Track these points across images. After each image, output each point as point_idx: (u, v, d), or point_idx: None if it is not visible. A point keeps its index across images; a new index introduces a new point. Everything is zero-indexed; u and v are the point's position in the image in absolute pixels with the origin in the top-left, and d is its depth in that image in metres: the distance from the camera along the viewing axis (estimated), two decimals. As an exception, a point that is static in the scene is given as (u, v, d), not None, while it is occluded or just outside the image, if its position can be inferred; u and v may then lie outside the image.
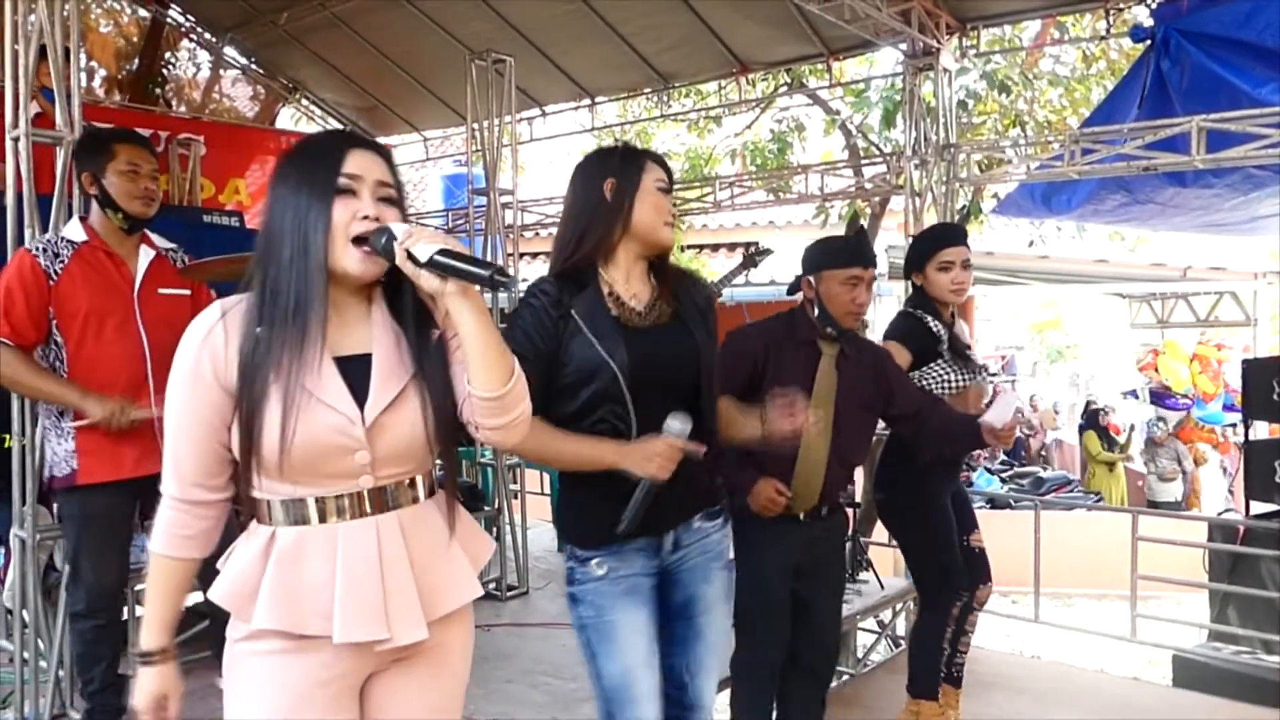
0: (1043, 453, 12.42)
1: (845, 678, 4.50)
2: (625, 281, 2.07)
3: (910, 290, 3.36)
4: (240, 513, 1.54)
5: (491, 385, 1.48)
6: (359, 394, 1.47)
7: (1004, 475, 11.01)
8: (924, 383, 3.08)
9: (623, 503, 1.92)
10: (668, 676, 2.14)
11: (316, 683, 1.49)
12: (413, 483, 1.55)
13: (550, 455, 2.00)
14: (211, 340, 1.45)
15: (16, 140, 2.90)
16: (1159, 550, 4.56)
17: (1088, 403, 12.95)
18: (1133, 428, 11.61)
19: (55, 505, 2.99)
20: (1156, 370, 11.54)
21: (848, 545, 4.82)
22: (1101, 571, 7.26)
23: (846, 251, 2.71)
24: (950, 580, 3.18)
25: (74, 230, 2.81)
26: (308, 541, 1.47)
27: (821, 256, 2.71)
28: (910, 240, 3.39)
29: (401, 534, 1.51)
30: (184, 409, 1.46)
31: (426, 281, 1.43)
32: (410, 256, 1.42)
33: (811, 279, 2.68)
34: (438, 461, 1.61)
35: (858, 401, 2.71)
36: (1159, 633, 4.55)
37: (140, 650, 1.52)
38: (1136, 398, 12.19)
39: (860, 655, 4.85)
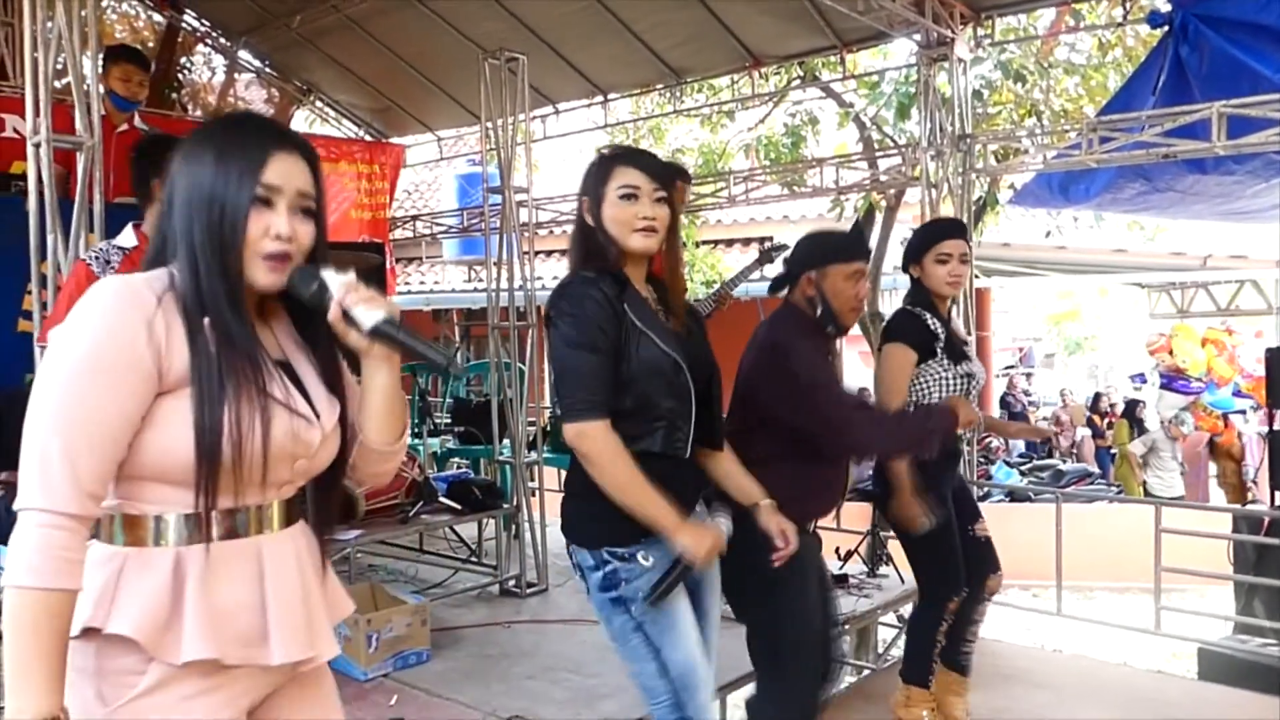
0: (1073, 450, 12.35)
1: (866, 672, 4.49)
2: (640, 289, 2.10)
3: (911, 284, 3.34)
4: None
5: (388, 439, 1.47)
6: (306, 398, 1.40)
7: (1023, 468, 10.96)
8: (920, 382, 3.06)
9: (660, 489, 1.95)
10: None
11: (231, 713, 1.34)
12: (304, 495, 1.46)
13: (623, 485, 1.94)
14: (148, 317, 1.25)
15: (38, 146, 2.92)
16: (1182, 542, 4.53)
17: (1097, 395, 12.89)
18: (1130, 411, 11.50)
19: None
20: (1170, 353, 11.42)
21: (867, 540, 4.82)
22: (1124, 564, 7.22)
23: (850, 245, 2.63)
24: (948, 576, 3.15)
25: (126, 237, 2.89)
26: (227, 559, 1.31)
27: (824, 251, 2.61)
28: (912, 234, 3.39)
29: (306, 547, 1.45)
30: (99, 396, 1.21)
31: (354, 339, 1.37)
32: (346, 315, 1.35)
33: (813, 275, 2.59)
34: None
35: None
36: (1183, 625, 4.51)
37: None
38: (1144, 382, 12.08)
39: (880, 650, 4.84)
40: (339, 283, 1.35)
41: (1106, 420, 12.48)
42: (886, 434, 2.64)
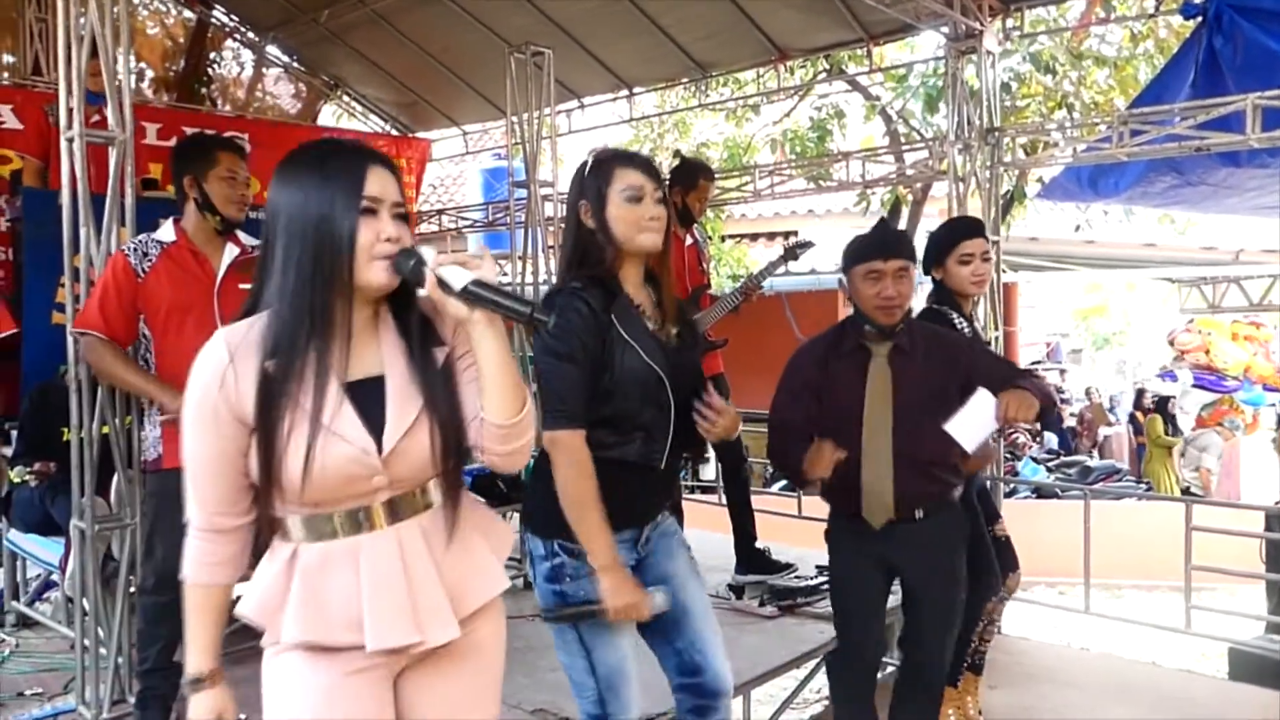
0: (1095, 448, 12.24)
1: (889, 669, 4.47)
2: (635, 294, 2.10)
3: (934, 285, 3.31)
4: (261, 531, 1.55)
5: (507, 413, 1.49)
6: (373, 420, 1.47)
7: (1050, 465, 10.87)
8: None
9: (611, 500, 1.96)
10: (677, 667, 2.14)
11: (349, 673, 1.50)
12: (426, 489, 1.55)
13: (575, 501, 1.96)
14: (221, 374, 1.44)
15: (71, 141, 2.95)
16: (1213, 540, 4.47)
17: (1140, 390, 12.73)
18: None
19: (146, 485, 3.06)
20: (1207, 353, 11.28)
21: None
22: (1153, 562, 7.14)
23: (864, 244, 2.61)
24: (982, 577, 3.14)
25: (165, 231, 2.95)
26: (331, 556, 1.49)
27: (846, 254, 2.64)
28: (927, 236, 3.37)
29: (423, 538, 1.53)
30: (200, 444, 1.47)
31: (453, 308, 1.43)
32: (442, 283, 1.42)
33: (843, 279, 2.64)
34: None
35: (924, 394, 2.56)
36: (1214, 625, 4.46)
37: (189, 677, 1.53)
38: (1175, 379, 11.91)
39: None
40: (430, 255, 1.45)
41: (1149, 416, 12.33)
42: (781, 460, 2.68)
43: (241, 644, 1.96)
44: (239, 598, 1.55)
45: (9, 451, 4.05)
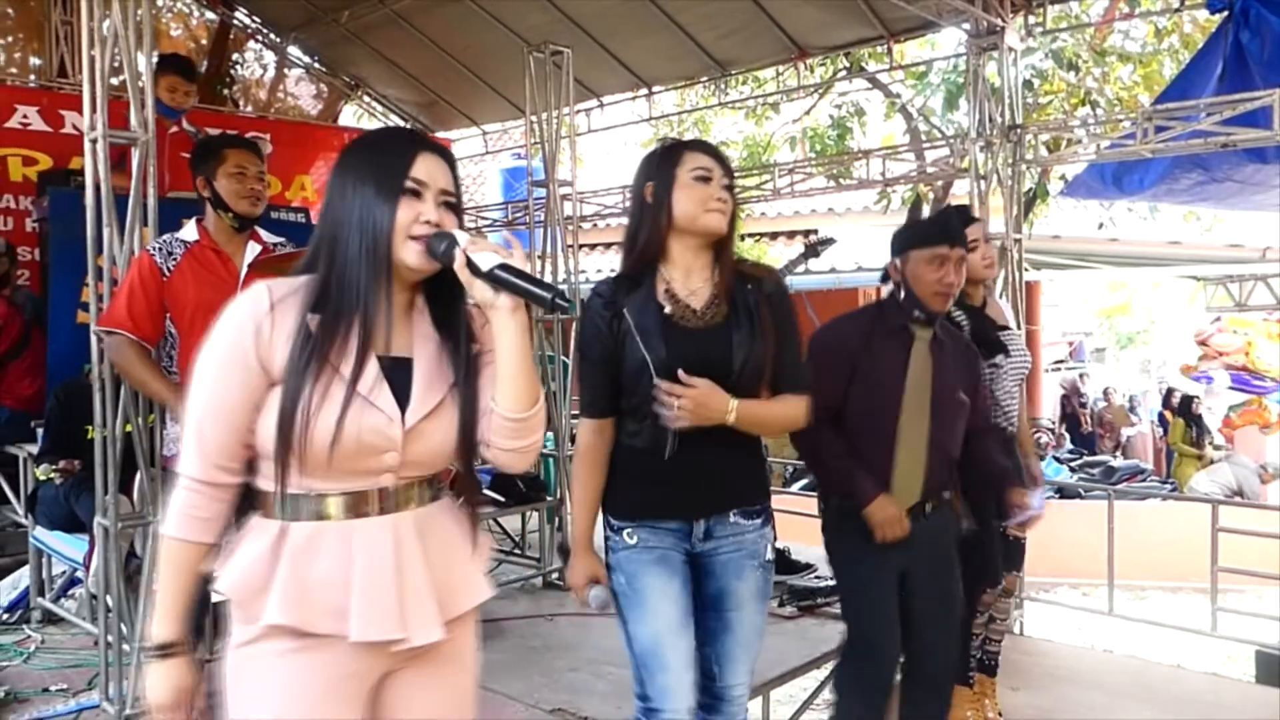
0: (1118, 449, 12.13)
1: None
2: (685, 279, 2.11)
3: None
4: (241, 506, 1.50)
5: (520, 406, 1.48)
6: (400, 396, 1.46)
7: (1073, 465, 10.77)
8: None
9: (643, 486, 2.13)
10: (700, 667, 2.17)
11: (329, 681, 1.45)
12: (427, 483, 1.53)
13: (575, 482, 2.22)
14: (258, 321, 1.42)
15: (95, 142, 2.98)
16: (1240, 541, 4.42)
17: (1170, 390, 12.59)
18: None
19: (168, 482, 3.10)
20: (1247, 354, 11.11)
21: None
22: (1178, 563, 7.06)
23: (930, 229, 2.62)
24: (986, 572, 3.14)
25: (189, 231, 3.01)
26: (322, 537, 1.44)
27: (907, 236, 2.63)
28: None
29: (417, 533, 1.50)
30: (217, 387, 1.43)
31: (479, 291, 1.44)
32: (470, 264, 1.43)
33: (898, 262, 2.60)
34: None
35: (953, 389, 2.60)
36: (1240, 627, 4.41)
37: (153, 643, 1.46)
38: (1211, 381, 11.73)
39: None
40: (463, 237, 1.46)
41: (1174, 420, 12.20)
42: (828, 471, 2.65)
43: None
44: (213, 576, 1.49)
45: (35, 449, 4.09)
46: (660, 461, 2.07)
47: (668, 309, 2.07)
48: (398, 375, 1.47)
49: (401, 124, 7.81)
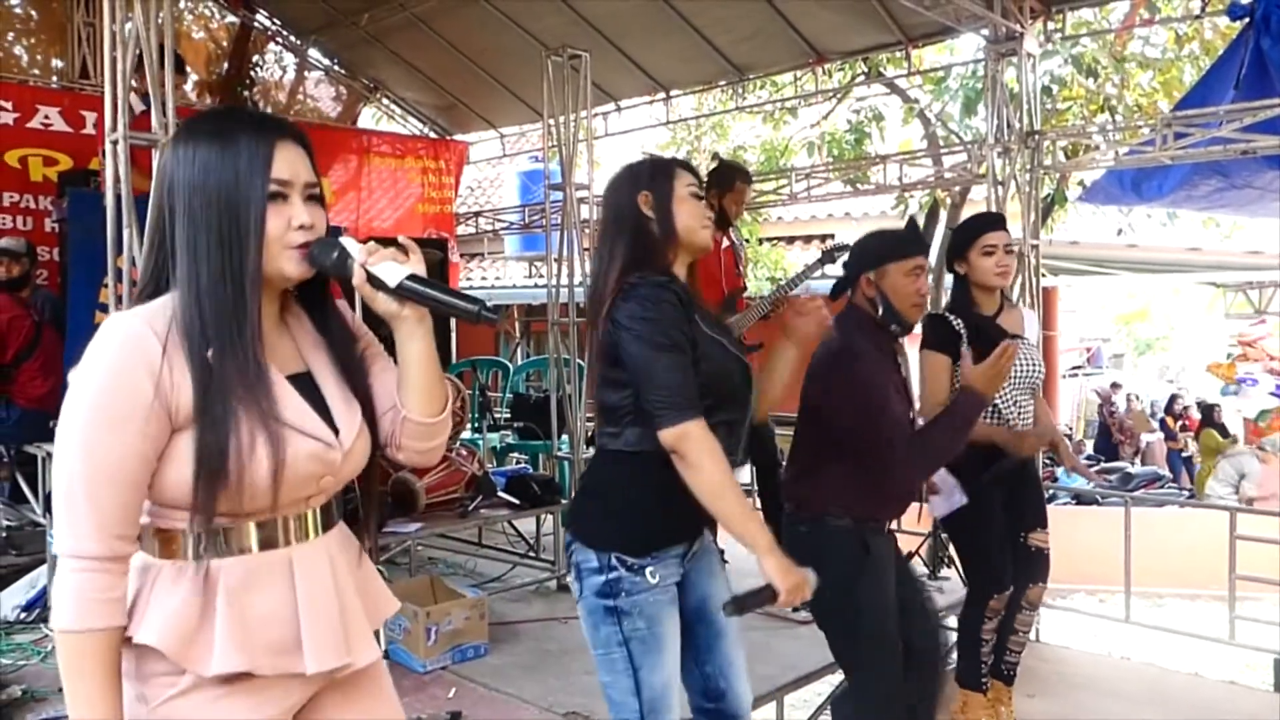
0: (1138, 455, 12.04)
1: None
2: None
3: (954, 282, 3.30)
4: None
5: (432, 411, 1.43)
6: (323, 416, 1.36)
7: (1091, 471, 10.70)
8: (955, 384, 3.06)
9: (682, 503, 1.88)
10: (701, 690, 2.09)
11: (270, 715, 1.34)
12: (338, 497, 1.45)
13: (720, 489, 1.87)
14: (152, 365, 1.24)
15: (115, 143, 3.00)
16: (1259, 549, 4.39)
17: (1173, 397, 12.49)
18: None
19: None
20: None
21: (928, 543, 4.76)
22: (1196, 570, 7.01)
23: (906, 241, 2.59)
24: (990, 576, 3.18)
25: None
26: (258, 571, 1.32)
27: (882, 249, 2.57)
28: (950, 232, 3.38)
29: (341, 551, 1.43)
30: (112, 446, 1.22)
31: (383, 304, 1.34)
32: (371, 278, 1.33)
33: (871, 275, 2.54)
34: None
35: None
36: (1259, 635, 4.37)
37: None
38: (1255, 384, 11.52)
39: (943, 653, 4.76)
40: (359, 248, 1.33)
41: (1180, 423, 12.12)
42: (927, 463, 2.58)
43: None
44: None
45: (53, 448, 4.12)
46: None
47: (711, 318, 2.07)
48: (307, 394, 1.36)
49: (419, 126, 7.84)
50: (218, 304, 1.26)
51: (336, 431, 1.37)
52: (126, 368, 1.23)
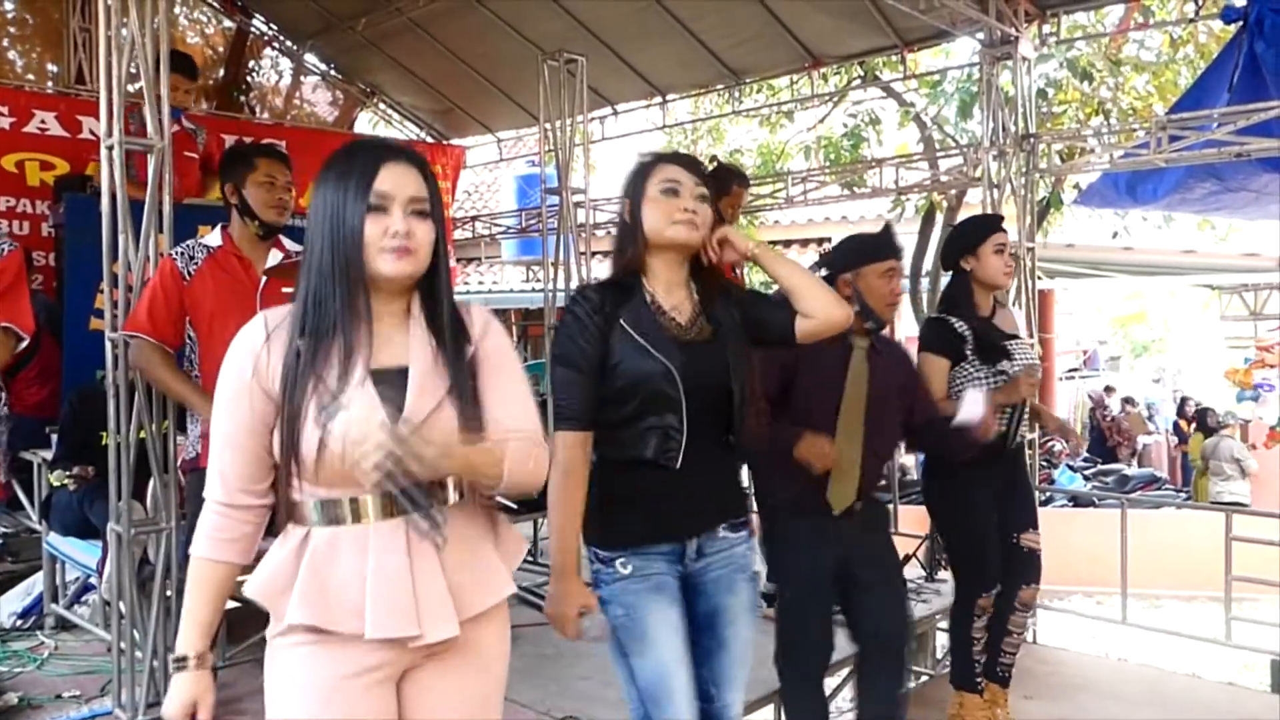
0: (1134, 457, 12.05)
1: (924, 678, 4.43)
2: (666, 293, 2.08)
3: (951, 279, 3.32)
4: (277, 515, 1.57)
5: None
6: (394, 405, 1.49)
7: (1087, 473, 10.71)
8: (955, 385, 3.12)
9: (644, 505, 2.03)
10: (695, 689, 2.11)
11: (349, 674, 1.51)
12: (443, 484, 1.55)
13: (551, 497, 2.00)
14: (256, 350, 1.51)
15: (111, 148, 3.00)
16: (1255, 550, 4.39)
17: (1184, 399, 12.48)
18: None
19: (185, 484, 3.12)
20: None
21: (926, 544, 4.76)
22: (1192, 572, 7.02)
23: (882, 245, 2.74)
24: (977, 576, 3.21)
25: (213, 237, 3.08)
26: (341, 541, 1.51)
27: (858, 252, 2.74)
28: (954, 229, 3.42)
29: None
30: (230, 417, 1.52)
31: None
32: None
33: (848, 276, 2.70)
34: None
35: (890, 394, 2.74)
36: (1256, 636, 4.37)
37: (176, 655, 1.55)
38: (1272, 390, 11.47)
39: (939, 656, 4.77)
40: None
41: (1193, 426, 12.09)
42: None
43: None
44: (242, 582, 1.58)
45: (49, 455, 4.11)
46: (663, 476, 2.01)
47: (660, 322, 2.04)
48: (393, 385, 1.51)
49: (416, 131, 7.84)
50: (321, 300, 1.50)
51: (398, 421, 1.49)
52: (237, 352, 1.53)
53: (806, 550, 2.66)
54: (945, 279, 3.33)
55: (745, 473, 2.61)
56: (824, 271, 2.75)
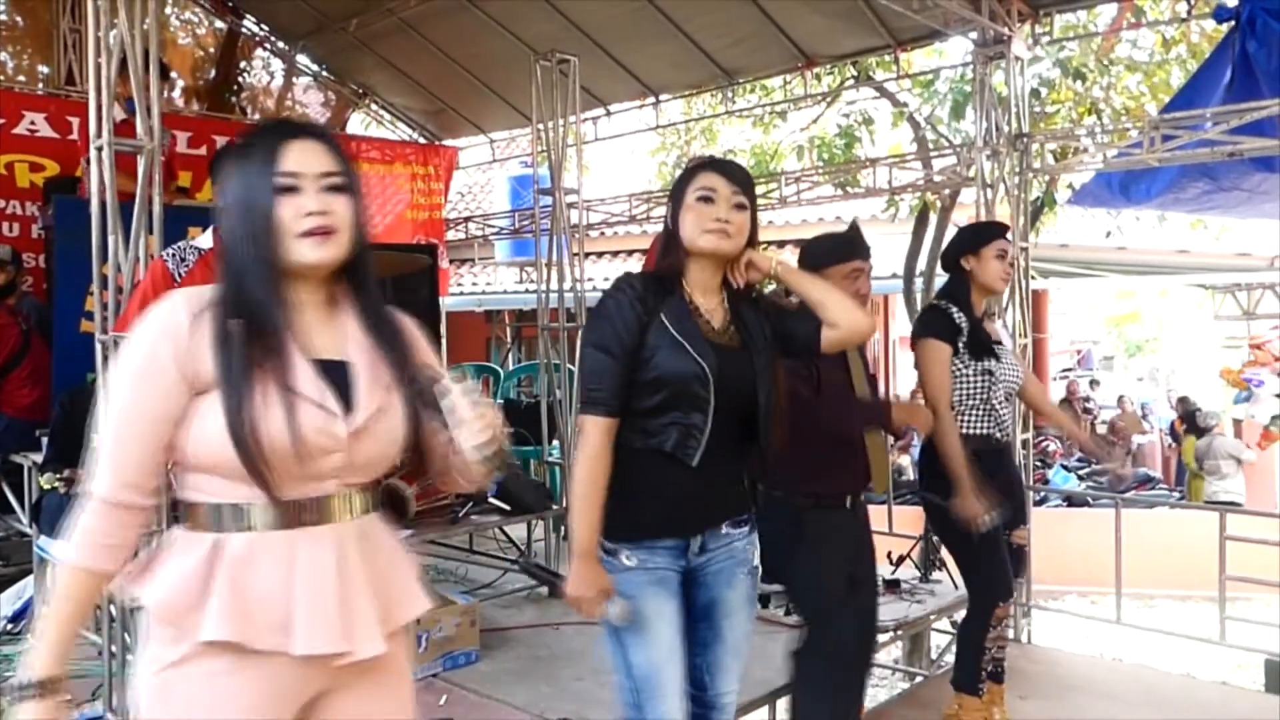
0: (1130, 455, 12.06)
1: (919, 679, 4.42)
2: (702, 296, 2.11)
3: (950, 277, 3.33)
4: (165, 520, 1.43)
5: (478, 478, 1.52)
6: (341, 400, 1.42)
7: (1081, 473, 10.73)
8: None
9: (655, 498, 2.04)
10: (688, 676, 2.15)
11: (264, 701, 1.37)
12: (367, 492, 1.48)
13: (579, 481, 2.03)
14: (173, 330, 1.37)
15: (100, 149, 2.98)
16: (1249, 549, 4.40)
17: (1181, 399, 12.48)
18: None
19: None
20: None
21: (920, 545, 4.75)
22: (1187, 571, 7.03)
23: (846, 246, 2.78)
24: (992, 586, 3.18)
25: (204, 239, 3.06)
26: (261, 548, 1.37)
27: (825, 254, 2.76)
28: (959, 230, 3.44)
29: (358, 543, 1.45)
30: (133, 402, 1.37)
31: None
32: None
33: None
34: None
35: (868, 379, 2.85)
36: (1250, 636, 4.38)
37: (23, 681, 1.33)
38: (1261, 385, 11.49)
39: (934, 657, 4.76)
40: (471, 415, 1.43)
41: (1184, 427, 12.09)
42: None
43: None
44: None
45: (39, 458, 4.09)
46: (678, 472, 2.02)
47: (698, 323, 2.06)
48: (335, 378, 1.43)
49: (408, 131, 7.82)
50: (245, 285, 1.39)
51: (350, 411, 1.41)
52: (151, 334, 1.38)
53: (835, 544, 2.71)
54: (939, 280, 3.35)
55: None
56: None
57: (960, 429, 3.12)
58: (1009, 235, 3.28)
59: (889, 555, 4.68)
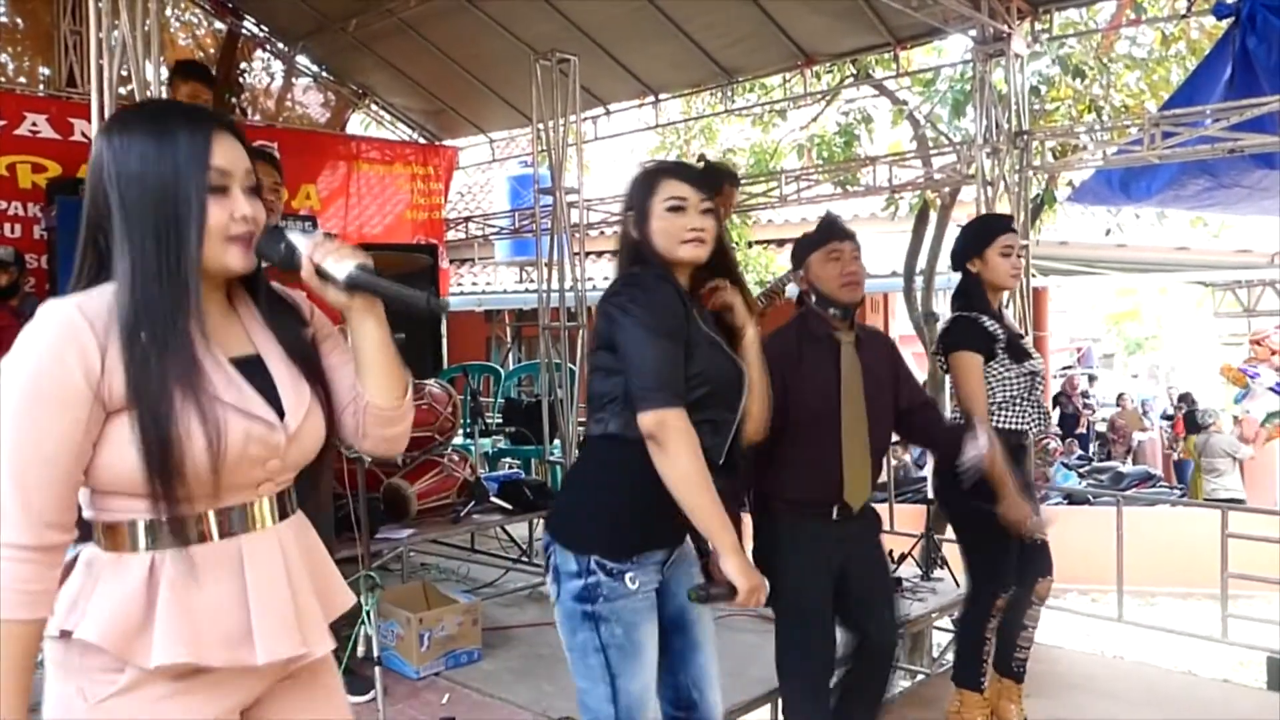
0: (1129, 453, 12.06)
1: (920, 677, 4.42)
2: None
3: (962, 279, 3.29)
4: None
5: (394, 395, 1.44)
6: (265, 397, 1.34)
7: (1082, 470, 10.73)
8: (987, 384, 3.09)
9: (660, 517, 1.92)
10: (674, 699, 2.08)
11: (214, 717, 1.31)
12: (292, 488, 1.43)
13: (692, 481, 1.85)
14: (82, 347, 1.21)
15: (101, 150, 2.98)
16: (1251, 547, 4.40)
17: (1180, 396, 12.48)
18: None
19: None
20: None
21: (922, 543, 4.76)
22: (1188, 569, 7.04)
23: (822, 229, 2.76)
24: (994, 576, 3.17)
25: None
26: (205, 562, 1.28)
27: (804, 245, 2.77)
28: (962, 230, 3.40)
29: (295, 541, 1.41)
30: (41, 430, 1.19)
31: (332, 295, 1.37)
32: (319, 270, 1.35)
33: (801, 272, 2.76)
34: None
35: (883, 384, 2.75)
36: (1252, 633, 4.38)
37: None
38: (1256, 377, 11.48)
39: (935, 655, 4.77)
40: (307, 241, 1.35)
41: (1187, 437, 12.07)
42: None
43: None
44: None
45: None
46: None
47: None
48: (256, 378, 1.35)
49: (408, 132, 7.82)
50: (157, 294, 1.25)
51: (282, 415, 1.35)
52: (56, 352, 1.21)
53: (809, 553, 2.64)
54: (939, 278, 3.32)
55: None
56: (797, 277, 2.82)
57: (999, 425, 3.08)
58: (1014, 228, 3.21)
59: (890, 553, 4.69)
